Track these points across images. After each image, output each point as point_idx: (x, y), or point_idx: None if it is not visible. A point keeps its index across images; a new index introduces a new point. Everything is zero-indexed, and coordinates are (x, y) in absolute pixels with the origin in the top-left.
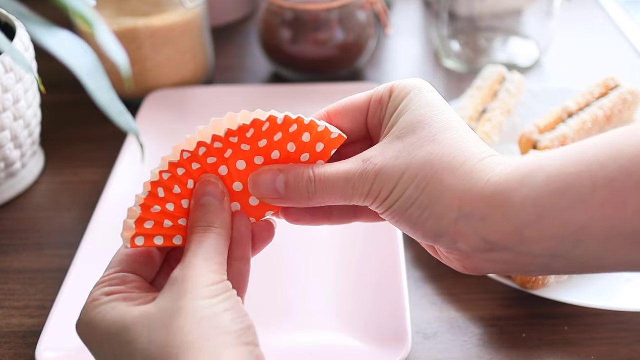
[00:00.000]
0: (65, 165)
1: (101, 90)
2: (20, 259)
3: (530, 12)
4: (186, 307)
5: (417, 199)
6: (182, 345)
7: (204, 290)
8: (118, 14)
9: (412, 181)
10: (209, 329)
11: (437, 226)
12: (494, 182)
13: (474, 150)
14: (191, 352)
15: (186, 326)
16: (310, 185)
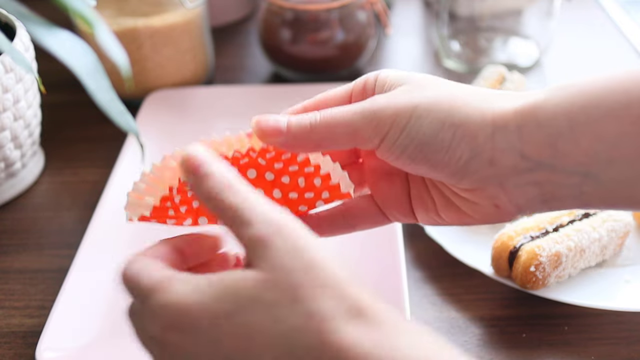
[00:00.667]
0: (65, 165)
1: (101, 90)
2: (20, 259)
3: (530, 12)
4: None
5: (445, 119)
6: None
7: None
8: (118, 14)
9: (433, 105)
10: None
11: (472, 144)
12: (520, 99)
13: (487, 89)
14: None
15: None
16: (314, 118)
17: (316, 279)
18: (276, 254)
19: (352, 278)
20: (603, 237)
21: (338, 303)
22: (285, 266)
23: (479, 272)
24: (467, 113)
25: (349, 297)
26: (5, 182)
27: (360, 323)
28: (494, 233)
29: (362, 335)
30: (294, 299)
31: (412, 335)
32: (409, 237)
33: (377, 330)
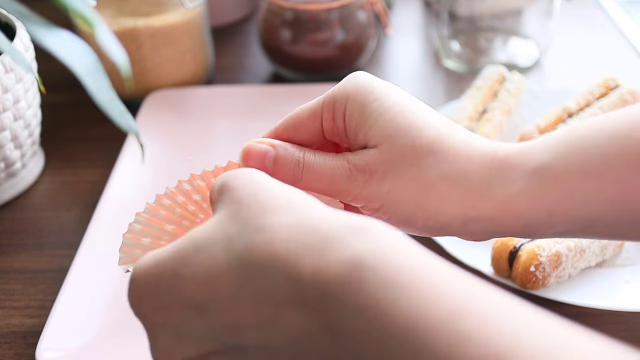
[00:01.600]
0: (65, 165)
1: (101, 90)
2: (20, 259)
3: (530, 12)
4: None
5: (415, 212)
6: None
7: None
8: (118, 14)
9: (403, 196)
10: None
11: (445, 230)
12: (498, 186)
13: (459, 148)
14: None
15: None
16: (297, 169)
17: (266, 198)
18: (231, 192)
19: (305, 197)
20: None
21: (287, 215)
22: (236, 197)
23: (479, 272)
24: (437, 208)
25: (296, 209)
26: (5, 182)
27: (308, 232)
28: None
29: (310, 243)
30: (245, 220)
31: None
32: (408, 237)
33: (323, 238)
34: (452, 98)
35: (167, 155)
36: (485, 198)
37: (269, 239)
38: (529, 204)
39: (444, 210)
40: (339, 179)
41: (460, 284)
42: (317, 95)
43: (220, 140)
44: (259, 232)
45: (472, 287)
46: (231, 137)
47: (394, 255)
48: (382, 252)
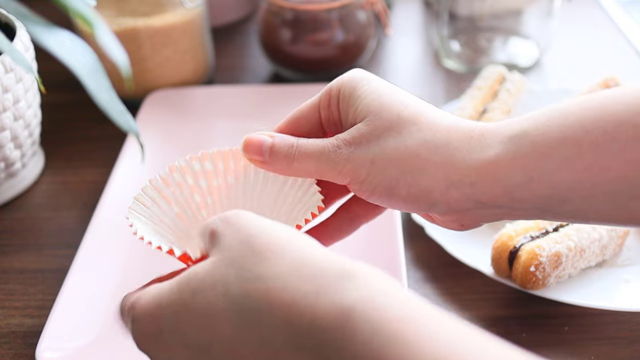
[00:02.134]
0: (65, 165)
1: (101, 90)
2: (20, 259)
3: (530, 12)
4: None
5: (399, 177)
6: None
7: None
8: (118, 14)
9: (387, 162)
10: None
11: (427, 197)
12: (478, 150)
13: (442, 121)
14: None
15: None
16: (291, 151)
17: (259, 245)
18: (224, 238)
19: (297, 239)
20: (603, 237)
21: (282, 262)
22: (230, 244)
23: (479, 272)
24: (419, 171)
25: (289, 255)
26: (5, 182)
27: (303, 277)
28: (494, 233)
29: (306, 289)
30: (241, 268)
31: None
32: (409, 237)
33: (318, 281)
34: (452, 98)
35: (167, 155)
36: (465, 162)
37: (266, 287)
38: (507, 166)
39: (426, 175)
40: (326, 153)
41: (450, 329)
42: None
43: (220, 140)
44: (256, 280)
45: (461, 333)
46: (231, 137)
47: (385, 303)
48: (373, 299)
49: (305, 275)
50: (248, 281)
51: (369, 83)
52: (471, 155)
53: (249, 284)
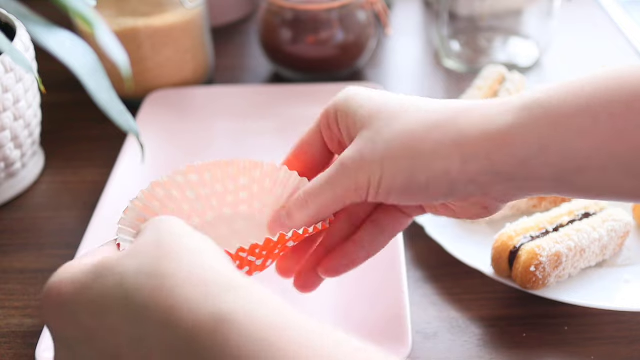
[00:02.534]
0: (65, 165)
1: (101, 90)
2: (20, 259)
3: (530, 12)
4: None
5: (413, 168)
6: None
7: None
8: (118, 14)
9: (398, 156)
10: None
11: (446, 179)
12: (490, 121)
13: (445, 104)
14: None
15: (168, 244)
16: (304, 204)
17: (163, 247)
18: (142, 235)
19: (202, 248)
20: (603, 237)
21: (177, 265)
22: (144, 241)
23: (479, 272)
24: (431, 152)
25: (186, 261)
26: (5, 182)
27: (192, 283)
28: (494, 233)
29: (191, 295)
30: (140, 263)
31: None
32: (409, 237)
33: (205, 289)
34: (452, 98)
35: (167, 155)
36: (478, 134)
37: (156, 285)
38: (522, 135)
39: (438, 155)
40: (335, 178)
41: (324, 337)
42: (317, 95)
43: (220, 140)
44: (149, 277)
45: (334, 340)
46: (231, 137)
47: (260, 313)
48: (249, 309)
49: (194, 281)
50: (143, 275)
51: (361, 94)
52: (483, 127)
53: (143, 279)
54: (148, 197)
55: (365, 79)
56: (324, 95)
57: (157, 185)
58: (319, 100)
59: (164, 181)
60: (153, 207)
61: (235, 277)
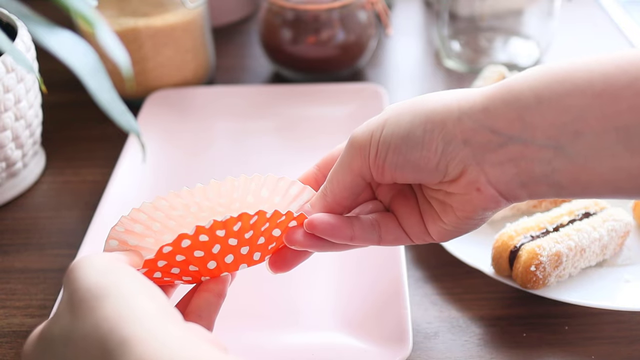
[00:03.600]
0: (66, 165)
1: (102, 90)
2: (21, 258)
3: (530, 12)
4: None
5: (413, 120)
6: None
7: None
8: (119, 14)
9: (400, 110)
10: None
11: (443, 133)
12: (489, 86)
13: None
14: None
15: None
16: (324, 190)
17: (75, 303)
18: (64, 287)
19: (107, 303)
20: (603, 237)
21: (81, 326)
22: (63, 298)
23: (480, 272)
24: (432, 107)
25: (93, 319)
26: (6, 182)
27: (91, 345)
28: (495, 233)
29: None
30: (58, 326)
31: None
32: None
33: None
34: None
35: (168, 155)
36: (479, 92)
37: (64, 350)
38: (518, 89)
39: (438, 108)
40: (347, 158)
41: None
42: (317, 95)
43: (221, 140)
44: (68, 343)
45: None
46: (232, 137)
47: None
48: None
49: (91, 341)
50: (64, 344)
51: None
52: (484, 88)
53: (66, 348)
54: (130, 220)
55: (365, 79)
56: (324, 95)
57: (139, 211)
58: (319, 100)
59: (146, 206)
60: (135, 229)
61: (148, 324)
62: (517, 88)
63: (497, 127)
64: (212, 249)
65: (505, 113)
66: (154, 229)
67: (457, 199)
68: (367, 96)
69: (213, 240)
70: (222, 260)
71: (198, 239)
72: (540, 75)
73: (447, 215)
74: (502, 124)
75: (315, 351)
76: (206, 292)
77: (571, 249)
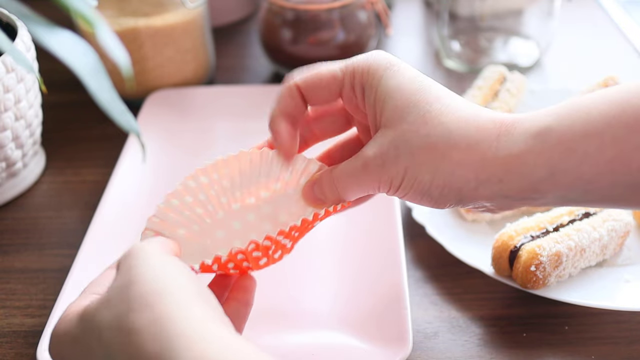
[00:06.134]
0: (66, 165)
1: (102, 90)
2: (21, 258)
3: (530, 12)
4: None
5: (431, 181)
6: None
7: (154, 256)
8: (119, 14)
9: (420, 167)
10: (165, 282)
11: (458, 197)
12: (505, 147)
13: (468, 119)
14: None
15: (143, 287)
16: (333, 187)
17: (133, 296)
18: (117, 276)
19: (176, 290)
20: (603, 237)
21: (144, 317)
22: (117, 286)
23: (480, 272)
24: (450, 172)
25: (155, 313)
26: (6, 182)
27: (157, 338)
28: (495, 233)
29: (156, 350)
30: (113, 316)
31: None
32: (409, 237)
33: (167, 341)
34: None
35: (168, 155)
36: (494, 160)
37: (125, 342)
38: (533, 162)
39: (457, 175)
40: (360, 179)
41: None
42: None
43: (221, 140)
44: (120, 332)
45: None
46: (232, 137)
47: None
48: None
49: (157, 334)
50: (114, 330)
51: (392, 78)
52: (498, 152)
53: (114, 334)
54: (164, 210)
55: None
56: None
57: (172, 196)
58: None
59: (177, 190)
60: (169, 219)
61: (204, 327)
62: (532, 163)
63: (511, 195)
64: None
65: (520, 185)
66: (184, 218)
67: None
68: None
69: (276, 248)
70: (257, 263)
71: (227, 266)
72: (554, 147)
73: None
74: (515, 193)
75: (316, 351)
76: (234, 301)
77: (571, 249)
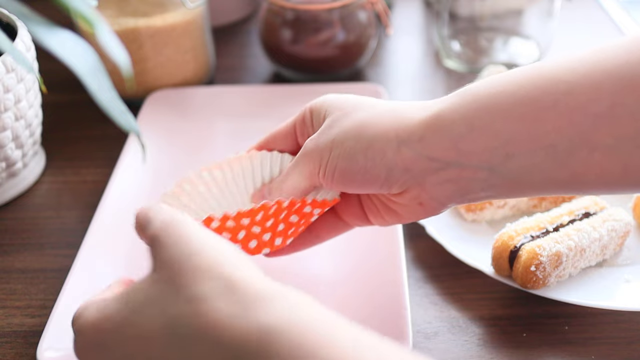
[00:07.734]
0: (66, 165)
1: (102, 90)
2: (21, 258)
3: (530, 12)
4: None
5: (355, 146)
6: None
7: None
8: (119, 14)
9: (345, 135)
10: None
11: (384, 160)
12: (424, 110)
13: (400, 104)
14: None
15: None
16: (280, 185)
17: (196, 264)
18: (163, 249)
19: (234, 259)
20: (603, 237)
21: (215, 284)
22: (169, 259)
23: (480, 272)
24: (373, 135)
25: (222, 276)
26: (6, 182)
27: (231, 299)
28: (495, 232)
29: (232, 310)
30: (177, 288)
31: (283, 305)
32: (409, 237)
33: (244, 303)
34: None
35: (168, 155)
36: (413, 120)
37: (196, 310)
38: (451, 118)
39: (378, 137)
40: (301, 154)
41: (370, 344)
42: (317, 95)
43: (221, 140)
44: (188, 302)
45: (382, 347)
46: (232, 137)
47: (303, 321)
48: (291, 318)
49: (231, 297)
50: (181, 302)
51: (339, 97)
52: (419, 113)
53: (182, 305)
54: (176, 192)
55: (365, 79)
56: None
57: (185, 181)
58: None
59: (190, 177)
60: (182, 201)
61: (264, 284)
62: (449, 117)
63: (434, 155)
64: (237, 235)
65: (441, 142)
66: (193, 207)
67: (401, 208)
68: (367, 96)
69: (238, 227)
70: (246, 245)
71: (225, 224)
72: (470, 103)
73: (390, 217)
74: (438, 152)
75: None
76: None
77: (571, 249)
